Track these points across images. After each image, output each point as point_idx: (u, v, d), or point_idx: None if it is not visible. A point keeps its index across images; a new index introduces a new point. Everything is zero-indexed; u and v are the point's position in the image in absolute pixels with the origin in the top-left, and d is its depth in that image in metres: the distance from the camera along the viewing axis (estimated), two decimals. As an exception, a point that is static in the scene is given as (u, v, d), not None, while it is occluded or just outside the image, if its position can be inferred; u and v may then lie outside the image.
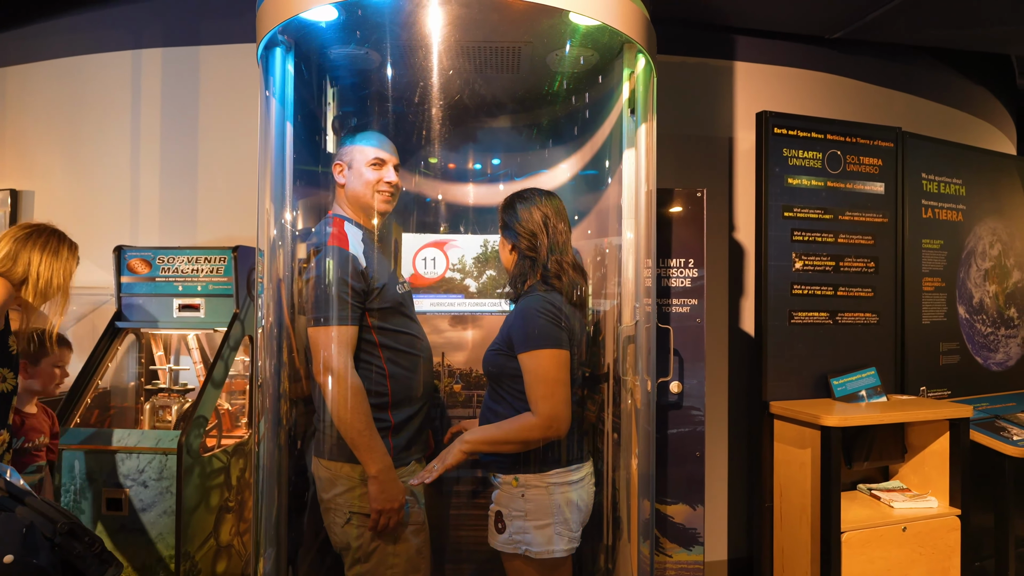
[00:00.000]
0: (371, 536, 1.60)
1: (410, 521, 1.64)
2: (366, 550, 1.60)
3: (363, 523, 1.60)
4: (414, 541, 1.65)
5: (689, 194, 2.46)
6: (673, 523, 2.42)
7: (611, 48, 1.76)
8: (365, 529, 1.60)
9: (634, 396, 1.82)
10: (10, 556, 1.00)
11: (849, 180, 2.81)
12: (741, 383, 3.08)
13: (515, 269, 1.70)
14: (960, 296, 3.19)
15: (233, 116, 2.90)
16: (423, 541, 1.68)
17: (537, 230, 1.66)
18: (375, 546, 1.60)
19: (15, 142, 3.06)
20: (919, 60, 3.56)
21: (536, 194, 1.71)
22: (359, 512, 1.60)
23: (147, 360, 2.69)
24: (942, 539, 2.49)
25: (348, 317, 1.59)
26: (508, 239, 1.72)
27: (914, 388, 2.94)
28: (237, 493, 2.43)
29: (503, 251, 1.75)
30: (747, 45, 3.15)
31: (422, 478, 1.56)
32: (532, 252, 1.66)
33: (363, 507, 1.60)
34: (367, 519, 1.60)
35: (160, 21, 2.94)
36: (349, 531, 1.61)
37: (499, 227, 1.75)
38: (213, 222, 2.90)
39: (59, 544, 1.09)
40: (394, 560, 1.62)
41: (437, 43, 1.59)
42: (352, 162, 1.72)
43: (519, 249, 1.68)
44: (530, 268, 1.66)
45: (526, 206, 1.68)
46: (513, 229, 1.68)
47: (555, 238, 1.66)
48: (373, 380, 1.61)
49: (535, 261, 1.66)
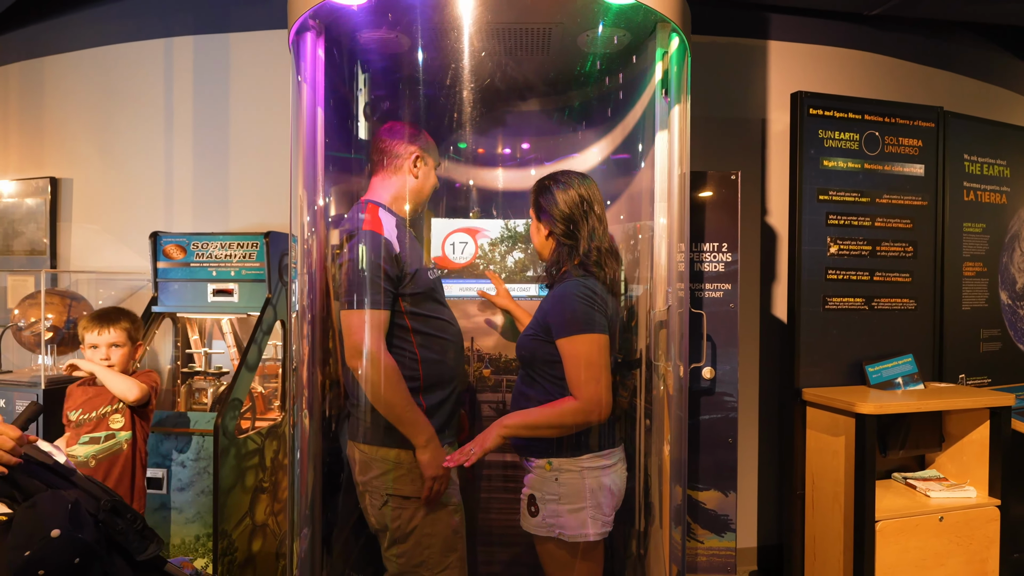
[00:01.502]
0: (408, 517, 1.62)
1: (447, 501, 1.66)
2: (404, 531, 1.63)
3: (400, 505, 1.62)
4: (450, 521, 1.66)
5: (723, 177, 2.42)
6: (705, 509, 2.41)
7: (644, 27, 1.73)
8: (402, 510, 1.62)
9: (666, 382, 1.80)
10: (57, 531, 1.03)
11: (887, 162, 2.73)
12: (772, 369, 3.04)
13: (552, 255, 1.68)
14: (1003, 281, 3.09)
15: (264, 102, 2.92)
16: (459, 521, 1.70)
17: (575, 215, 1.63)
18: (413, 526, 1.63)
19: (54, 131, 3.13)
20: (961, 37, 3.43)
21: (573, 177, 1.68)
22: (396, 494, 1.63)
23: (183, 344, 2.75)
24: (980, 530, 2.44)
25: (381, 301, 1.60)
26: (544, 224, 1.68)
27: (952, 376, 2.87)
28: (271, 474, 2.48)
29: (537, 235, 1.72)
30: (781, 23, 3.07)
31: (458, 460, 1.55)
32: (569, 238, 1.64)
33: (399, 489, 1.62)
34: (404, 501, 1.62)
35: (191, 8, 2.96)
36: (386, 512, 1.63)
37: (533, 211, 1.72)
38: (245, 208, 2.94)
39: (103, 520, 1.12)
40: (431, 540, 1.64)
41: (468, 25, 1.58)
42: (429, 162, 1.75)
43: (555, 234, 1.66)
44: (567, 253, 1.64)
45: (563, 189, 1.65)
46: (549, 213, 1.65)
47: (592, 223, 1.64)
48: (406, 365, 1.62)
49: (571, 247, 1.64)
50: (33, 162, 3.16)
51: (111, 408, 2.01)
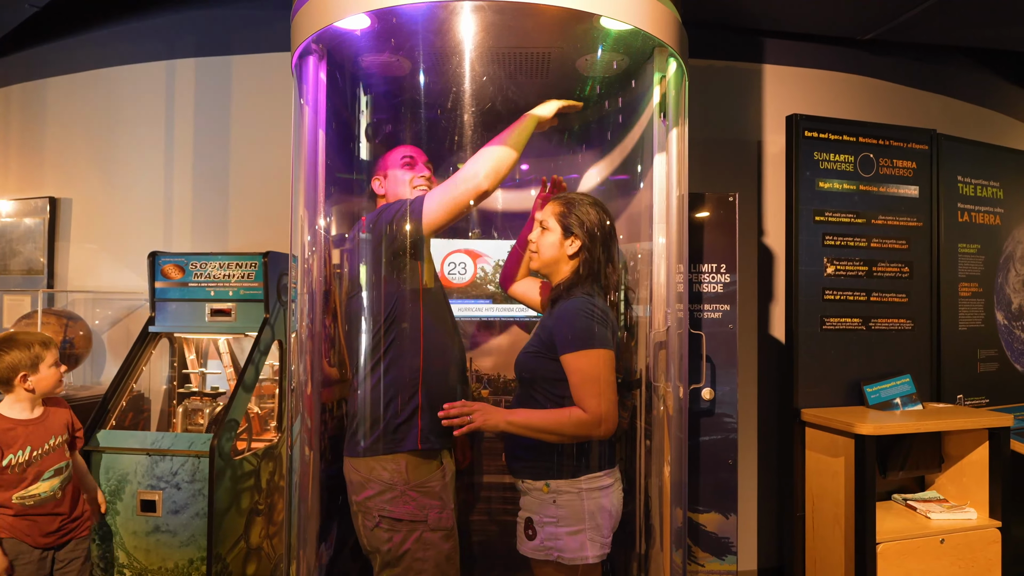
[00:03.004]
0: (400, 540, 1.60)
1: (440, 527, 1.64)
2: (395, 554, 1.61)
3: (392, 527, 1.61)
4: (444, 547, 1.64)
5: (721, 199, 2.44)
6: (705, 532, 2.39)
7: (642, 52, 1.76)
8: (394, 533, 1.60)
9: (666, 403, 1.80)
10: None
11: (882, 183, 2.76)
12: (771, 390, 3.03)
13: (572, 273, 1.67)
14: (998, 302, 3.11)
15: (264, 124, 2.94)
16: (452, 548, 1.67)
17: (608, 234, 1.66)
18: (405, 550, 1.61)
19: (54, 151, 3.14)
20: (954, 61, 3.49)
21: (593, 198, 1.70)
22: (388, 516, 1.61)
23: (180, 364, 2.73)
24: (981, 552, 2.42)
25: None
26: (575, 239, 1.67)
27: (951, 396, 2.87)
28: (267, 496, 2.45)
29: (557, 250, 1.68)
30: (776, 48, 3.12)
31: (454, 421, 1.53)
32: (598, 256, 1.65)
33: (392, 511, 1.60)
34: (396, 523, 1.60)
35: (193, 31, 3.00)
36: (379, 534, 1.61)
37: (550, 221, 1.70)
38: (244, 228, 2.94)
39: None
40: (423, 565, 1.61)
41: (469, 50, 1.60)
42: (387, 169, 1.79)
43: (585, 249, 1.65)
44: (588, 271, 1.65)
45: (595, 208, 1.67)
46: (585, 230, 1.65)
47: (610, 244, 1.67)
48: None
49: (586, 263, 1.65)
50: (32, 182, 3.17)
51: (59, 438, 1.99)
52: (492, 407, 1.60)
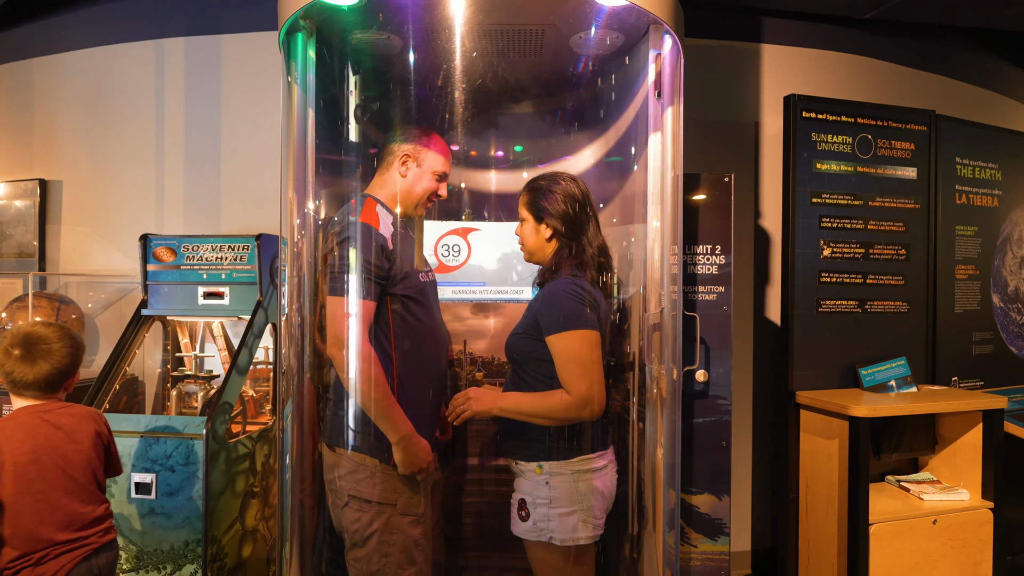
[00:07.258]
0: (368, 521, 1.60)
1: (409, 512, 1.63)
2: (363, 535, 1.61)
3: (361, 507, 1.60)
4: (412, 532, 1.63)
5: (716, 179, 2.41)
6: (699, 513, 2.39)
7: (637, 29, 1.72)
8: (362, 513, 1.60)
9: (659, 385, 1.79)
10: None
11: (880, 165, 2.74)
12: (766, 372, 3.03)
13: (553, 257, 1.67)
14: (994, 284, 3.10)
15: (256, 104, 2.90)
16: (421, 533, 1.66)
17: (579, 215, 1.65)
18: (372, 531, 1.60)
19: (43, 132, 3.10)
20: (954, 41, 3.45)
21: (567, 178, 1.69)
22: (357, 496, 1.60)
23: (173, 347, 2.72)
24: (973, 532, 2.44)
25: (370, 292, 1.59)
26: (547, 225, 1.67)
27: (945, 378, 2.87)
28: (262, 479, 2.45)
29: (535, 237, 1.70)
30: (774, 27, 3.08)
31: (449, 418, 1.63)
32: (572, 238, 1.65)
33: (361, 492, 1.60)
34: (365, 504, 1.60)
35: (183, 10, 2.95)
36: (347, 514, 1.61)
37: (530, 213, 1.70)
38: (236, 210, 2.92)
39: None
40: (389, 549, 1.61)
41: (460, 25, 1.57)
42: (422, 160, 1.72)
43: (559, 235, 1.66)
44: (567, 254, 1.65)
45: (564, 190, 1.66)
46: (553, 215, 1.65)
47: (592, 223, 1.66)
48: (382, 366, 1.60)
49: (573, 247, 1.64)
50: (22, 164, 3.14)
51: None
52: (484, 392, 1.64)
